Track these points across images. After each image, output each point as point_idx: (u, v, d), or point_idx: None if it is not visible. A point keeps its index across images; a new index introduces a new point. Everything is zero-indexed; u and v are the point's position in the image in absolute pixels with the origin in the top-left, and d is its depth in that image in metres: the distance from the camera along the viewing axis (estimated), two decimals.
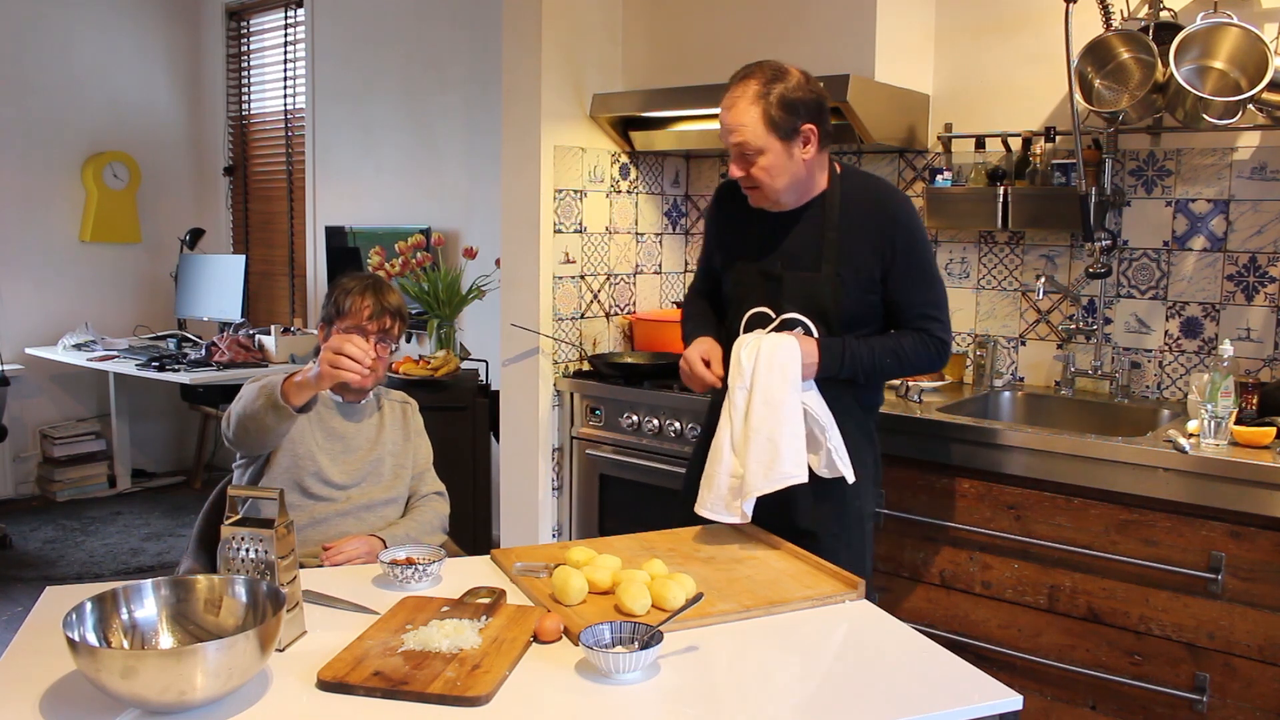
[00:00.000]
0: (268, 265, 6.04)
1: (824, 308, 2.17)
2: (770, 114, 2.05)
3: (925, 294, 2.19)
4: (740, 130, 2.07)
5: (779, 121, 2.06)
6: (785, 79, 2.07)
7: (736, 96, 2.07)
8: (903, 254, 2.16)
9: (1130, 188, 2.93)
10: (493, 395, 3.94)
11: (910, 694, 1.49)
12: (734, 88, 2.09)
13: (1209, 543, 2.30)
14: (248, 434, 2.12)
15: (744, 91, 2.06)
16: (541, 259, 3.43)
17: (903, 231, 2.17)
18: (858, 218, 2.17)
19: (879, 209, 2.18)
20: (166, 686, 1.30)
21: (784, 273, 2.19)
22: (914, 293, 2.18)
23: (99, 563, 4.66)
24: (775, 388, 2.08)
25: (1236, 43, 2.54)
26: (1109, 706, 2.47)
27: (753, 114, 2.06)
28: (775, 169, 2.10)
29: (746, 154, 2.09)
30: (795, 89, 2.06)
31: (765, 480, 2.07)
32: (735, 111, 2.07)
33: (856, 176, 2.26)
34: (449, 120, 4.79)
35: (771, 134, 2.06)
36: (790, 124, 2.07)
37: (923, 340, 2.18)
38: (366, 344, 2.04)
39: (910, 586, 2.75)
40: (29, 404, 5.61)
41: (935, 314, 2.19)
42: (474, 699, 1.40)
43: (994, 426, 2.64)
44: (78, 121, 5.71)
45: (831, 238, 2.16)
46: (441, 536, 2.39)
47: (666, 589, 1.70)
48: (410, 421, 2.47)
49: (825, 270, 2.16)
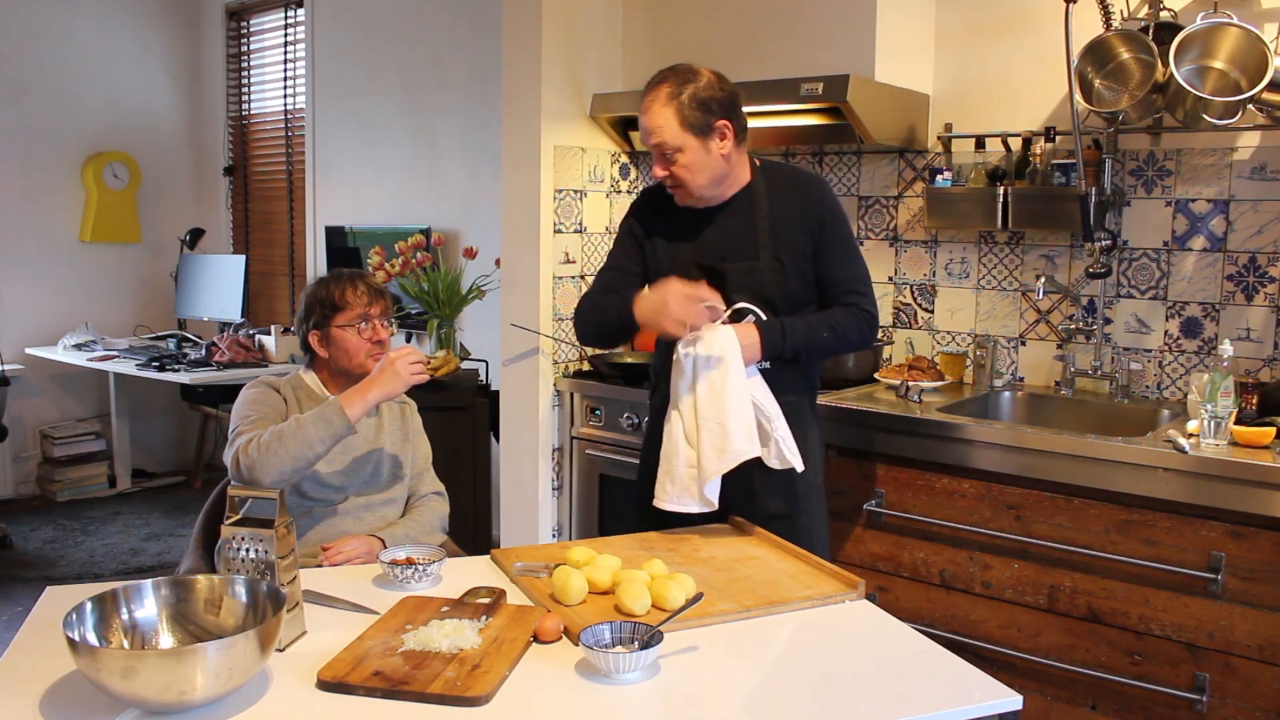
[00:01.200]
0: (268, 265, 6.04)
1: (768, 294, 2.24)
2: (684, 113, 2.15)
3: (850, 269, 2.29)
4: (658, 131, 2.17)
5: (693, 120, 2.15)
6: (696, 79, 2.17)
7: (650, 100, 2.18)
8: (829, 231, 2.26)
9: (1130, 188, 2.93)
10: (493, 395, 3.94)
11: (910, 694, 1.49)
12: (648, 94, 2.20)
13: (1209, 543, 2.30)
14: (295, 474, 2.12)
15: (657, 95, 2.17)
16: (541, 259, 3.43)
17: (828, 210, 2.28)
18: (784, 202, 2.26)
19: (803, 191, 2.29)
20: (166, 686, 1.30)
21: (725, 264, 2.25)
22: (840, 268, 2.28)
23: (99, 563, 4.66)
24: (716, 377, 2.13)
25: (1236, 43, 2.54)
26: (1109, 706, 2.47)
27: (667, 115, 2.16)
28: (695, 165, 2.18)
29: (666, 153, 2.18)
30: (705, 88, 2.16)
31: (719, 461, 2.11)
32: (651, 114, 2.18)
33: (777, 166, 2.36)
34: (449, 120, 4.79)
35: (687, 132, 2.15)
36: (704, 121, 2.16)
37: (852, 314, 2.26)
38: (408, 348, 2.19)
39: (910, 586, 2.75)
40: (29, 404, 5.61)
41: (861, 288, 2.29)
42: (474, 699, 1.40)
43: (994, 426, 2.64)
44: (78, 121, 5.71)
45: (764, 225, 2.25)
46: (441, 536, 2.39)
47: (666, 589, 1.70)
48: (409, 421, 2.47)
49: (764, 257, 2.24)
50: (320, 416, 2.10)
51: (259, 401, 2.26)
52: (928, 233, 3.30)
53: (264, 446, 2.08)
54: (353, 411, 2.12)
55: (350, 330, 2.30)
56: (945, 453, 2.65)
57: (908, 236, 3.35)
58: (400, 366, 2.14)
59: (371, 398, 2.14)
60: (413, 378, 2.15)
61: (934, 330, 3.33)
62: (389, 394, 2.15)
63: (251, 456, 2.07)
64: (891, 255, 3.39)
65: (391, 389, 2.15)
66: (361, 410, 2.13)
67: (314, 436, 2.08)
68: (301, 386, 2.35)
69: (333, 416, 2.10)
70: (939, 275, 3.30)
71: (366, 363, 2.29)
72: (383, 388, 2.14)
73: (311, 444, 2.08)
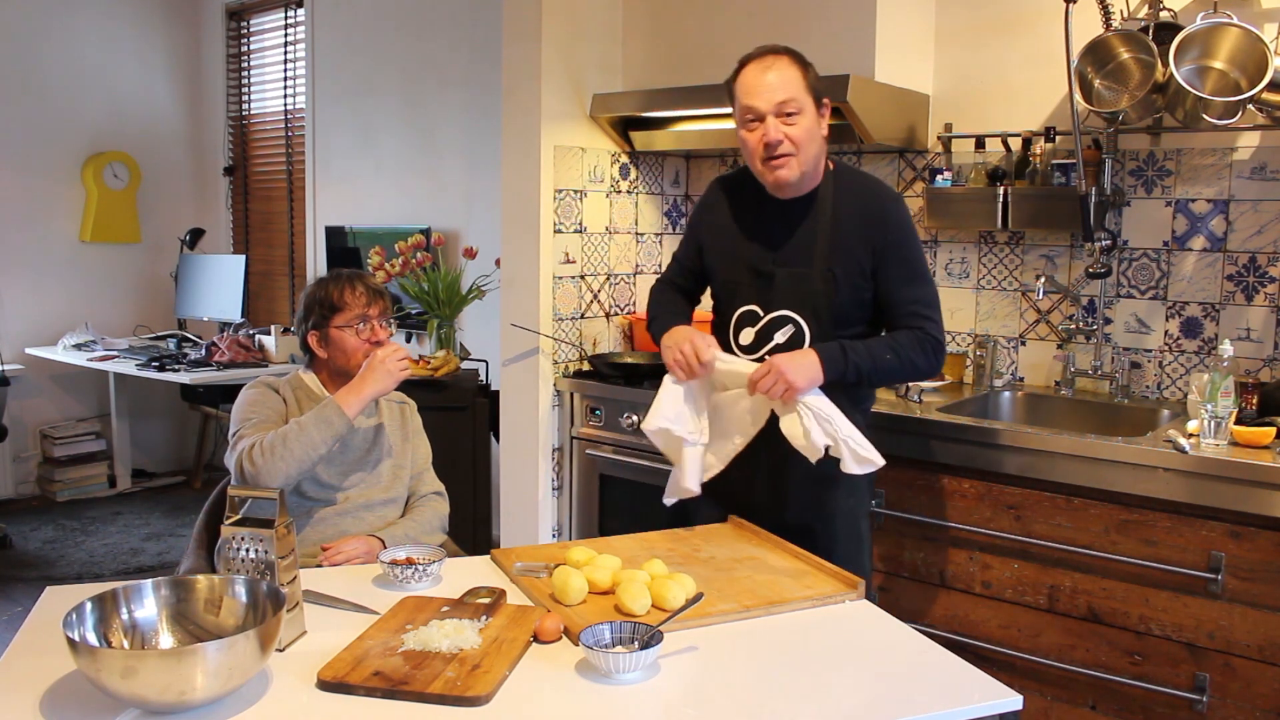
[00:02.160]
0: (268, 265, 6.04)
1: (816, 304, 2.17)
2: (808, 76, 2.13)
3: (917, 291, 2.17)
4: (785, 86, 2.09)
5: (815, 85, 2.13)
6: (799, 53, 2.16)
7: (771, 63, 2.11)
8: (894, 249, 2.15)
9: (1130, 188, 2.93)
10: (493, 395, 3.94)
11: (910, 694, 1.49)
12: (764, 58, 2.13)
13: (1209, 543, 2.30)
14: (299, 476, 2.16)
15: (778, 59, 2.12)
16: (541, 259, 3.43)
17: (894, 228, 2.17)
18: (851, 213, 2.17)
19: (872, 204, 2.19)
20: (166, 686, 1.30)
21: (775, 269, 2.19)
22: (906, 289, 2.16)
23: (99, 563, 4.66)
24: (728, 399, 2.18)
25: (1236, 43, 2.54)
26: (1109, 706, 2.47)
27: (794, 74, 2.11)
28: (810, 134, 2.12)
29: (789, 112, 2.10)
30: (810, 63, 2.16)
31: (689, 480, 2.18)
32: (777, 70, 2.10)
33: (850, 173, 2.27)
34: (449, 120, 4.79)
35: (809, 96, 2.12)
36: (819, 91, 2.14)
37: (917, 338, 2.14)
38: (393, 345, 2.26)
39: (910, 586, 2.75)
40: (29, 404, 5.61)
41: (928, 312, 2.16)
42: (474, 699, 1.40)
43: (994, 426, 2.64)
44: (78, 121, 5.71)
45: (824, 233, 2.16)
46: (441, 536, 2.39)
47: (666, 589, 1.70)
48: (408, 422, 2.47)
49: (817, 266, 2.16)
50: (320, 418, 2.15)
51: (258, 403, 2.27)
52: (928, 233, 3.30)
53: (267, 450, 2.10)
54: (350, 410, 2.18)
55: (349, 331, 2.30)
56: (945, 453, 2.65)
57: None
58: (390, 364, 2.21)
59: (366, 395, 2.20)
60: (401, 374, 2.23)
61: None
62: (381, 390, 2.23)
63: (256, 462, 2.10)
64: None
65: (383, 386, 2.22)
66: (358, 408, 2.19)
67: (316, 438, 2.13)
68: (301, 387, 2.36)
69: (332, 417, 2.16)
70: (939, 275, 3.30)
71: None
72: (375, 385, 2.21)
73: (315, 445, 2.13)
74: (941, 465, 2.66)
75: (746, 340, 2.21)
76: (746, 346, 2.22)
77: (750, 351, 2.21)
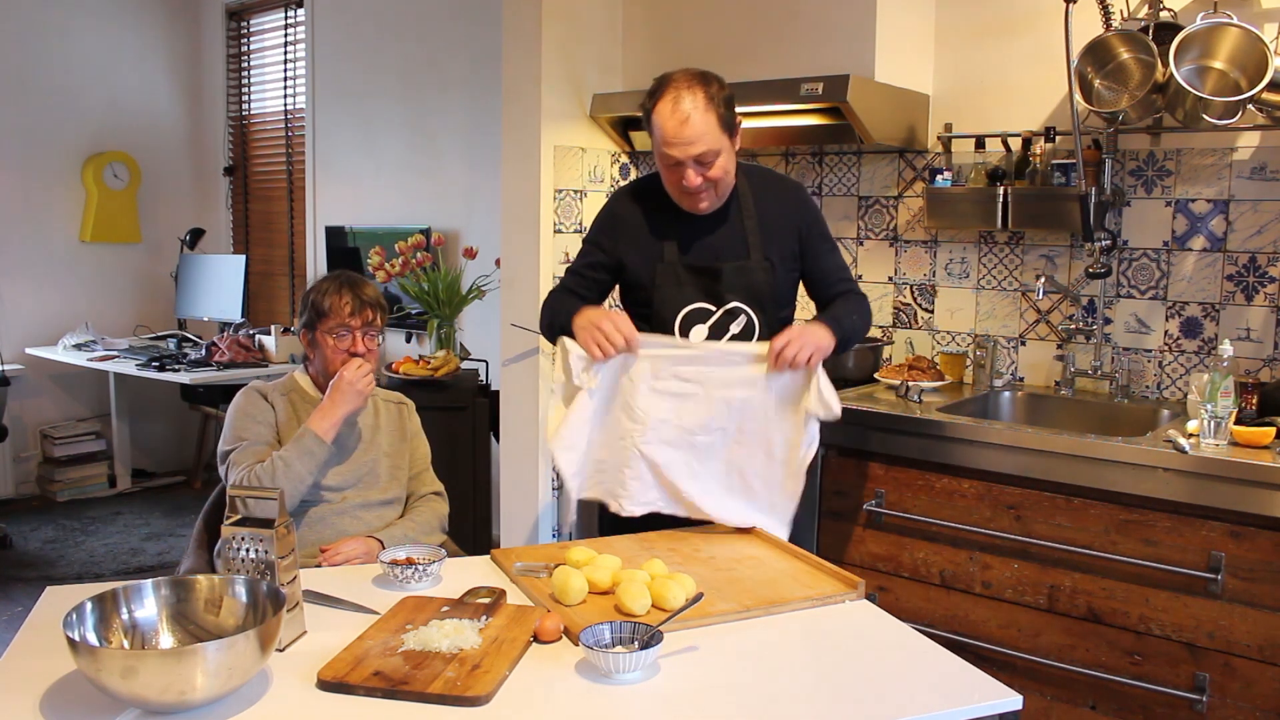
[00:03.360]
0: (268, 265, 6.04)
1: (760, 293, 2.26)
2: (720, 114, 2.12)
3: (837, 260, 2.39)
4: (703, 139, 2.10)
5: (727, 120, 2.14)
6: (713, 79, 2.15)
7: (690, 108, 2.09)
8: (815, 230, 2.34)
9: (1130, 188, 2.93)
10: (493, 395, 3.94)
11: (910, 694, 1.49)
12: (681, 99, 2.10)
13: (1209, 543, 2.30)
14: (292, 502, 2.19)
15: (696, 101, 2.09)
16: (541, 259, 3.43)
17: (811, 211, 2.37)
18: (770, 204, 2.29)
19: (788, 195, 2.34)
20: (166, 686, 1.30)
21: (720, 265, 2.24)
22: (830, 260, 2.36)
23: (99, 563, 4.66)
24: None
25: (1236, 43, 2.53)
26: (1109, 706, 2.47)
27: (711, 120, 2.11)
28: (726, 168, 2.17)
29: (708, 160, 2.13)
30: (723, 85, 2.16)
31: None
32: (693, 124, 2.09)
33: (753, 168, 2.37)
34: (449, 120, 4.79)
35: (724, 134, 2.14)
36: (731, 120, 2.16)
37: (856, 300, 2.35)
38: (356, 361, 2.29)
39: (910, 586, 2.75)
40: (29, 404, 5.61)
41: (849, 276, 2.40)
42: (474, 699, 1.40)
43: (994, 426, 2.64)
44: (78, 122, 5.71)
45: (752, 225, 2.26)
46: (440, 536, 2.39)
47: (666, 589, 1.70)
48: (407, 422, 2.47)
49: (754, 257, 2.26)
50: (301, 450, 2.20)
51: (248, 415, 2.29)
52: (928, 233, 3.30)
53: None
54: (327, 435, 2.24)
55: (330, 338, 2.31)
56: (945, 453, 2.65)
57: (908, 236, 3.35)
58: (361, 385, 2.28)
59: (338, 416, 2.26)
60: (367, 388, 2.29)
61: (934, 330, 3.34)
62: (352, 409, 2.29)
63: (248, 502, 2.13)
64: (891, 255, 3.39)
65: (353, 404, 2.28)
66: (334, 430, 2.25)
67: (302, 470, 2.19)
68: (295, 389, 2.37)
69: (312, 446, 2.21)
70: (939, 275, 3.30)
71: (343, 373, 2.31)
72: (346, 405, 2.27)
73: (302, 477, 2.19)
74: (941, 465, 2.66)
75: (699, 337, 2.23)
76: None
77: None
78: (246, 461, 2.19)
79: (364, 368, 2.29)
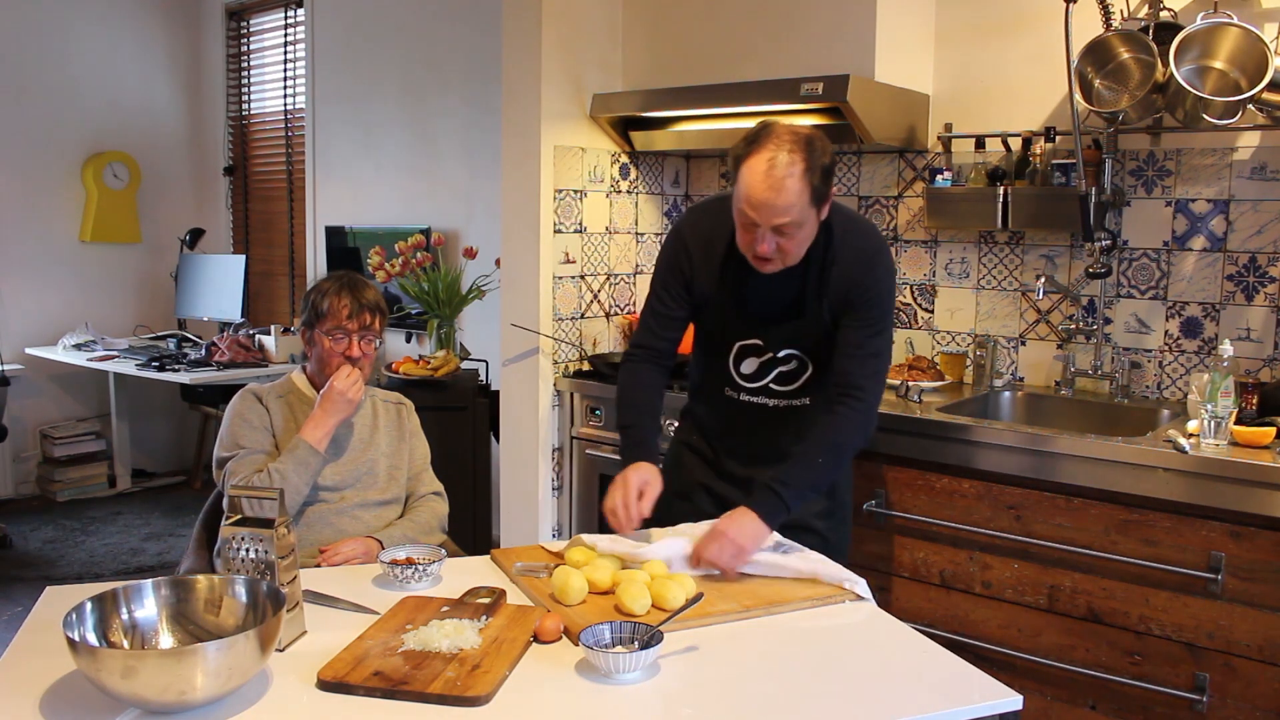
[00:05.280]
0: (268, 265, 6.04)
1: (816, 342, 2.13)
2: (814, 187, 1.91)
3: (862, 340, 2.08)
4: (789, 210, 1.90)
5: (820, 190, 1.92)
6: (816, 146, 1.92)
7: (780, 177, 1.87)
8: (862, 299, 2.08)
9: (1130, 188, 2.93)
10: (493, 395, 3.94)
11: (910, 694, 1.49)
12: (774, 157, 1.88)
13: (1209, 543, 2.30)
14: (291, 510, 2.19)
15: (791, 170, 1.87)
16: (541, 259, 3.43)
17: (870, 279, 2.09)
18: (841, 263, 2.08)
19: (860, 258, 2.09)
20: (166, 686, 1.30)
21: (773, 318, 2.12)
22: (852, 336, 2.09)
23: (99, 563, 4.66)
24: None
25: (1236, 43, 2.53)
26: (1109, 706, 2.47)
27: (800, 189, 1.89)
28: (804, 242, 1.98)
29: (787, 231, 1.93)
30: (824, 154, 1.92)
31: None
32: (785, 192, 1.88)
33: (843, 228, 2.10)
34: (449, 120, 4.79)
35: (811, 208, 1.93)
36: (823, 192, 1.94)
37: (844, 418, 2.06)
38: (346, 369, 2.28)
39: (910, 586, 2.75)
40: (29, 404, 5.61)
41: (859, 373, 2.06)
42: (474, 699, 1.40)
43: (994, 426, 2.64)
44: (78, 122, 5.71)
45: (814, 281, 2.08)
46: (440, 536, 2.38)
47: (666, 589, 1.70)
48: (406, 422, 2.47)
49: (808, 314, 2.10)
50: (296, 461, 2.20)
51: (244, 421, 2.30)
52: (928, 233, 3.30)
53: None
54: (320, 445, 2.24)
55: (327, 339, 2.31)
56: (945, 453, 2.65)
57: (908, 236, 3.35)
58: (351, 394, 2.27)
59: (329, 425, 2.26)
60: (357, 396, 2.29)
61: (934, 330, 3.33)
62: (342, 417, 2.29)
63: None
64: (891, 255, 3.39)
65: (345, 413, 2.29)
66: (326, 439, 2.26)
67: (298, 481, 2.20)
68: (292, 390, 2.37)
69: (306, 457, 2.22)
70: (939, 275, 3.30)
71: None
72: (337, 414, 2.28)
73: (298, 487, 2.21)
74: (941, 465, 2.66)
75: (750, 369, 2.19)
76: (750, 374, 2.20)
77: (754, 380, 2.19)
78: (243, 472, 2.19)
79: (354, 376, 2.28)
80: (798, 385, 2.19)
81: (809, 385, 2.19)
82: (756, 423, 2.22)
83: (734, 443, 2.28)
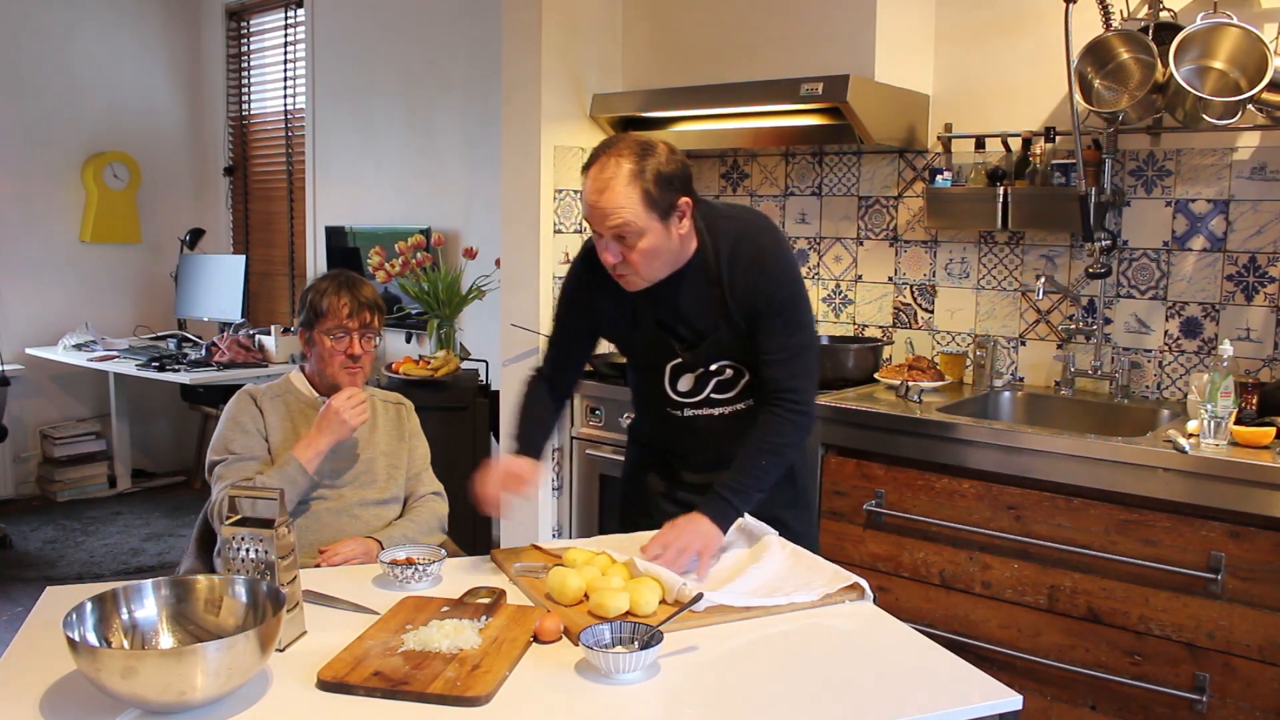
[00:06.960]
0: (268, 265, 6.04)
1: (741, 348, 2.10)
2: (649, 191, 1.89)
3: (783, 339, 2.05)
4: (618, 213, 1.89)
5: (659, 200, 1.90)
6: (655, 152, 1.92)
7: (609, 178, 1.89)
8: (768, 305, 2.05)
9: (1130, 188, 2.93)
10: (493, 395, 3.94)
11: (910, 694, 1.49)
12: (601, 169, 1.91)
13: (1209, 543, 2.30)
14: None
15: (617, 172, 1.88)
16: (541, 259, 3.43)
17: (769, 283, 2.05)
18: (741, 272, 2.05)
19: (755, 265, 2.05)
20: (166, 686, 1.30)
21: (694, 335, 2.10)
22: (770, 343, 2.06)
23: (99, 563, 4.66)
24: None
25: (1236, 43, 2.54)
26: (1109, 706, 2.47)
27: (631, 194, 1.88)
28: (654, 251, 1.94)
29: (626, 237, 1.92)
30: (667, 162, 1.92)
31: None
32: (610, 194, 1.88)
33: (721, 226, 2.08)
34: (449, 120, 4.79)
35: (652, 214, 1.90)
36: (669, 200, 1.92)
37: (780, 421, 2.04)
38: (348, 391, 2.27)
39: (910, 586, 2.75)
40: (29, 404, 5.61)
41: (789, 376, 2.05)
42: (474, 699, 1.40)
43: (994, 426, 2.64)
44: (78, 122, 5.71)
45: (718, 294, 2.06)
46: (440, 536, 2.38)
47: (640, 594, 1.69)
48: (405, 422, 2.47)
49: (725, 328, 2.08)
50: (284, 479, 2.19)
51: (238, 425, 2.29)
52: (928, 233, 3.30)
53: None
54: (310, 465, 2.22)
55: (328, 338, 2.30)
56: (945, 453, 2.65)
57: (908, 236, 3.35)
58: (347, 415, 2.25)
59: (323, 446, 2.24)
60: (358, 420, 2.27)
61: (934, 330, 3.34)
62: (338, 439, 2.26)
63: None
64: (891, 255, 3.39)
65: (340, 434, 2.26)
66: (317, 460, 2.23)
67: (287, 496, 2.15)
68: (290, 390, 2.37)
69: (295, 476, 2.20)
70: (939, 275, 3.30)
71: (339, 374, 2.32)
72: (331, 435, 2.25)
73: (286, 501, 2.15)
74: (941, 465, 2.66)
75: (686, 386, 2.15)
76: (688, 390, 2.16)
77: (694, 395, 2.16)
78: (230, 479, 2.18)
79: (355, 397, 2.26)
80: (738, 390, 2.16)
81: (750, 388, 2.16)
82: (706, 434, 2.19)
83: (688, 454, 2.24)
